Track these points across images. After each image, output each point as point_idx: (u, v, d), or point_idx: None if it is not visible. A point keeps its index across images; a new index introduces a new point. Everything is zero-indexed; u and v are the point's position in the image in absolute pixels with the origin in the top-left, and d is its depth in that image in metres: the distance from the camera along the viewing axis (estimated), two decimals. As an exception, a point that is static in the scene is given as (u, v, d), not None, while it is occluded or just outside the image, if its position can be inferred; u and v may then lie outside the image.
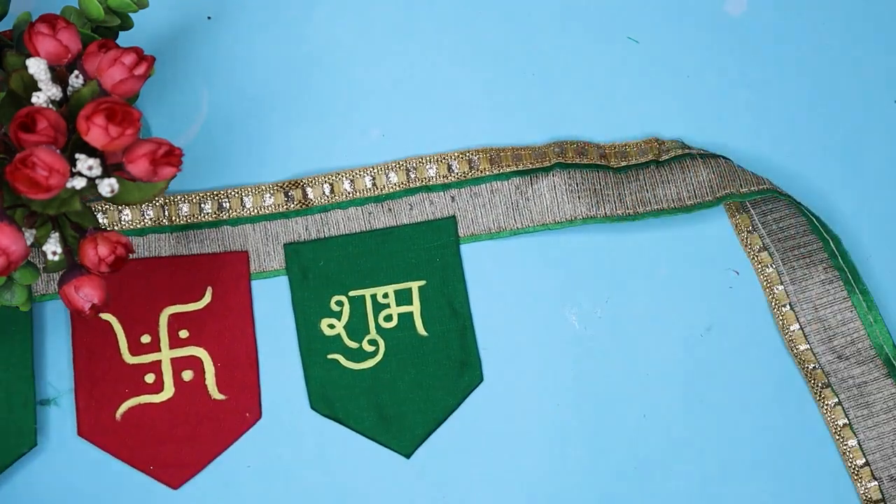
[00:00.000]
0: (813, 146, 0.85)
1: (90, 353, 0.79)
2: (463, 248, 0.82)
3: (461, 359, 0.81)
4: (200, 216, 0.80)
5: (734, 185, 0.80)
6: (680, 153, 0.82)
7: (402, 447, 0.80)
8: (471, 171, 0.82)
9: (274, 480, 0.79)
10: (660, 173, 0.82)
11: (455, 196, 0.82)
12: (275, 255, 0.81)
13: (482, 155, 0.82)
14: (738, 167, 0.81)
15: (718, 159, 0.81)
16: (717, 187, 0.81)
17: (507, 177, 0.82)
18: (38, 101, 0.60)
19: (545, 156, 0.82)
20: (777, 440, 0.81)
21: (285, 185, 0.81)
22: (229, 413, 0.79)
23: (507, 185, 0.82)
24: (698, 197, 0.81)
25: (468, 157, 0.82)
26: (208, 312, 0.80)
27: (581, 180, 0.81)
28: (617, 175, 0.82)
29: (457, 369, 0.81)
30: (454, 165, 0.82)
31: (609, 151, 0.83)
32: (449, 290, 0.81)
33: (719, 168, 0.81)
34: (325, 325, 0.81)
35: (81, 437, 0.78)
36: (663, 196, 0.82)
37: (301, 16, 0.84)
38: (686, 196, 0.81)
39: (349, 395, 0.80)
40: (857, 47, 0.86)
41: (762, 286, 0.82)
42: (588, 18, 0.85)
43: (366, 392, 0.80)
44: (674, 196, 0.81)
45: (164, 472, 0.78)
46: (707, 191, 0.81)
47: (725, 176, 0.81)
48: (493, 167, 0.82)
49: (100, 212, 0.79)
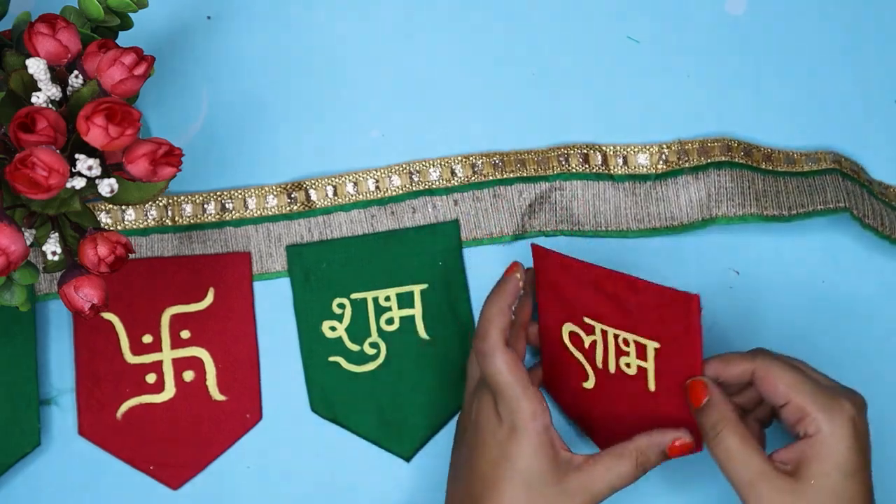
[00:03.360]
0: (813, 146, 0.84)
1: (92, 352, 0.79)
2: (465, 251, 0.82)
3: (462, 363, 0.81)
4: (203, 217, 0.80)
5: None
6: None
7: (402, 450, 0.80)
8: (474, 174, 0.82)
9: (273, 482, 0.79)
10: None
11: (458, 200, 0.82)
12: (277, 257, 0.81)
13: (486, 159, 0.82)
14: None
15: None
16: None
17: (510, 182, 0.82)
18: (37, 101, 0.60)
19: (548, 161, 0.82)
20: (777, 440, 0.81)
21: (288, 187, 0.81)
22: (230, 414, 0.79)
23: (510, 190, 0.82)
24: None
25: (471, 160, 0.82)
26: (210, 313, 0.80)
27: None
28: (770, 177, 0.82)
29: (458, 373, 0.81)
30: (457, 169, 0.82)
31: (776, 155, 0.83)
32: (451, 294, 0.81)
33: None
34: (327, 328, 0.81)
35: (82, 437, 0.78)
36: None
37: (301, 15, 0.84)
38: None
39: (350, 398, 0.80)
40: (857, 47, 0.86)
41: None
42: (588, 18, 0.85)
43: (367, 395, 0.80)
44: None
45: (163, 472, 0.78)
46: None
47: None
48: (497, 172, 0.82)
49: (103, 212, 0.79)
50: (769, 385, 0.66)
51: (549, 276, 0.75)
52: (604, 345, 0.73)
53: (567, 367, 0.77)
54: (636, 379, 0.72)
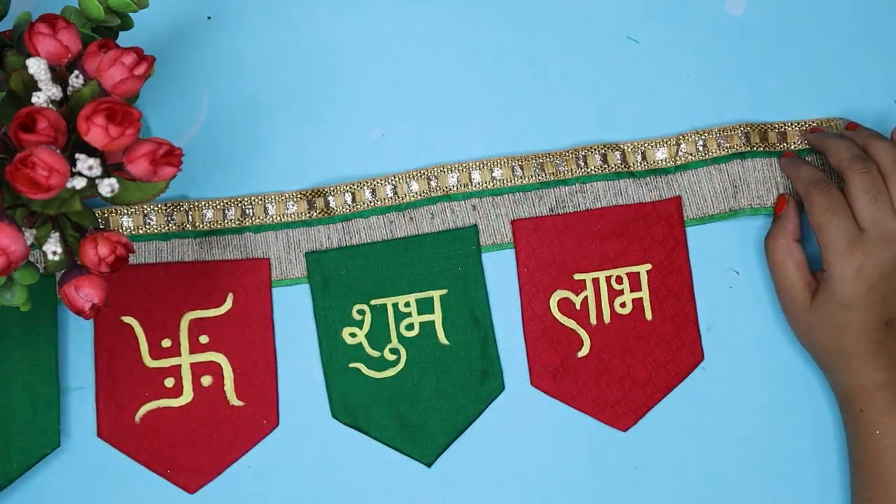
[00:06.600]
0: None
1: (111, 355, 0.79)
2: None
3: (483, 368, 0.80)
4: (224, 222, 0.81)
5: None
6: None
7: (423, 456, 0.80)
8: (492, 180, 0.81)
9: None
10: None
11: (476, 205, 0.81)
12: (296, 263, 0.81)
13: (504, 163, 0.81)
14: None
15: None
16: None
17: (531, 188, 0.81)
18: (38, 101, 0.60)
19: (566, 163, 0.81)
20: (777, 440, 0.81)
21: (308, 194, 0.81)
22: (247, 420, 0.80)
23: (530, 196, 0.81)
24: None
25: (489, 165, 0.81)
26: (229, 318, 0.80)
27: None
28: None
29: (478, 378, 0.80)
30: (475, 174, 0.81)
31: (791, 130, 0.83)
32: (470, 299, 0.81)
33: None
34: (347, 334, 0.80)
35: (101, 439, 0.79)
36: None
37: (301, 15, 0.84)
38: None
39: (371, 404, 0.80)
40: (857, 47, 0.85)
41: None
42: (588, 18, 0.84)
43: (387, 401, 0.80)
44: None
45: (180, 476, 0.79)
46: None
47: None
48: (515, 177, 0.81)
49: (125, 215, 0.80)
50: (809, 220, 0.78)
51: (532, 244, 0.81)
52: (596, 295, 0.81)
53: (558, 343, 0.80)
54: (632, 317, 0.81)
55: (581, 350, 0.81)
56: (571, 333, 0.81)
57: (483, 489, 0.80)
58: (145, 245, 0.80)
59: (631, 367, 0.80)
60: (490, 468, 0.80)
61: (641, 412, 0.80)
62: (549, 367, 0.80)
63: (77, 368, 0.80)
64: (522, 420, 0.80)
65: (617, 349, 0.81)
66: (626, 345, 0.81)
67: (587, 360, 0.81)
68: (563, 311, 0.81)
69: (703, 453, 0.80)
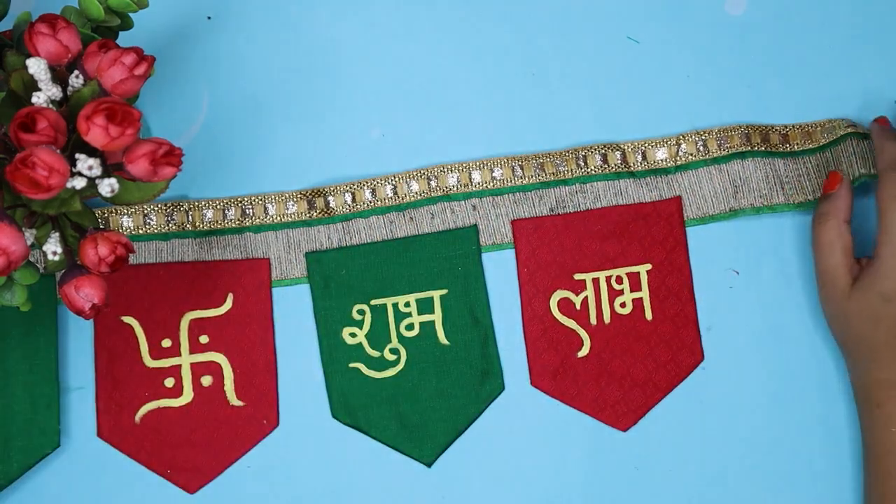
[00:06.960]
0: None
1: (111, 355, 0.79)
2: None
3: (483, 368, 0.80)
4: (224, 222, 0.81)
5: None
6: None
7: (423, 456, 0.80)
8: (492, 180, 0.81)
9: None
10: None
11: (476, 205, 0.81)
12: (296, 263, 0.81)
13: (504, 163, 0.81)
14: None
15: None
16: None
17: (532, 188, 0.81)
18: (38, 101, 0.60)
19: (566, 163, 0.81)
20: (777, 440, 0.81)
21: (308, 194, 0.81)
22: (247, 420, 0.80)
23: (530, 196, 0.81)
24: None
25: (490, 165, 0.81)
26: (229, 318, 0.80)
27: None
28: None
29: (478, 378, 0.80)
30: (475, 174, 0.81)
31: (793, 132, 0.83)
32: (471, 299, 0.81)
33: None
34: (347, 334, 0.80)
35: (101, 439, 0.79)
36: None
37: (301, 15, 0.84)
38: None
39: (371, 404, 0.80)
40: (857, 47, 0.85)
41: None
42: (588, 18, 0.84)
43: (387, 401, 0.80)
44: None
45: (180, 476, 0.79)
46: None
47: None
48: (515, 177, 0.81)
49: (125, 215, 0.80)
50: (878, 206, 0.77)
51: (532, 244, 0.81)
52: (596, 296, 0.81)
53: (558, 343, 0.80)
54: (632, 317, 0.81)
55: (581, 350, 0.81)
56: (571, 333, 0.81)
57: (483, 489, 0.80)
58: (145, 245, 0.80)
59: (631, 367, 0.80)
60: (490, 468, 0.80)
61: (641, 412, 0.80)
62: (549, 367, 0.80)
63: (77, 368, 0.80)
64: (522, 420, 0.80)
65: (617, 349, 0.81)
66: (626, 345, 0.81)
67: (587, 360, 0.80)
68: (563, 311, 0.81)
69: (703, 453, 0.80)
